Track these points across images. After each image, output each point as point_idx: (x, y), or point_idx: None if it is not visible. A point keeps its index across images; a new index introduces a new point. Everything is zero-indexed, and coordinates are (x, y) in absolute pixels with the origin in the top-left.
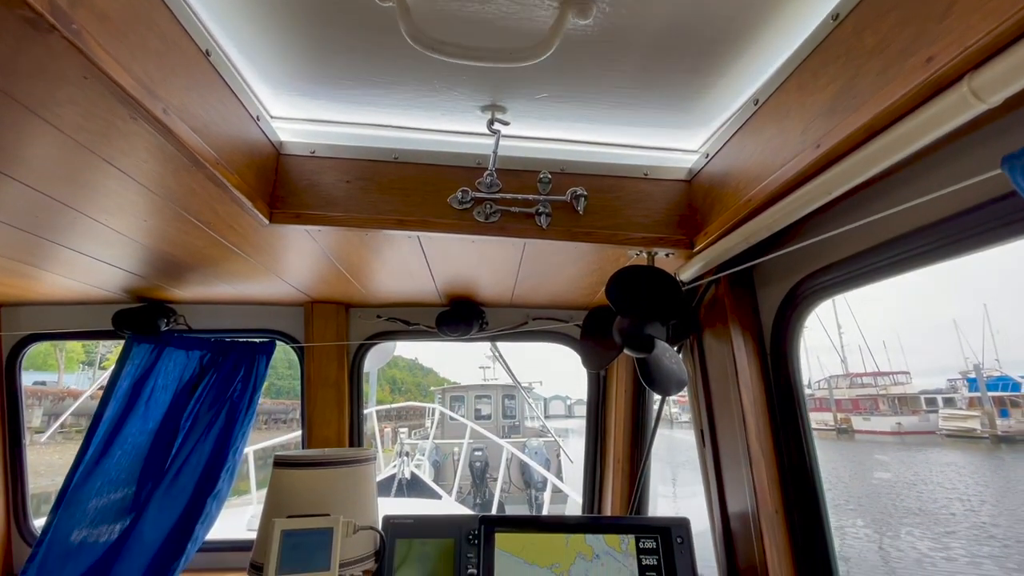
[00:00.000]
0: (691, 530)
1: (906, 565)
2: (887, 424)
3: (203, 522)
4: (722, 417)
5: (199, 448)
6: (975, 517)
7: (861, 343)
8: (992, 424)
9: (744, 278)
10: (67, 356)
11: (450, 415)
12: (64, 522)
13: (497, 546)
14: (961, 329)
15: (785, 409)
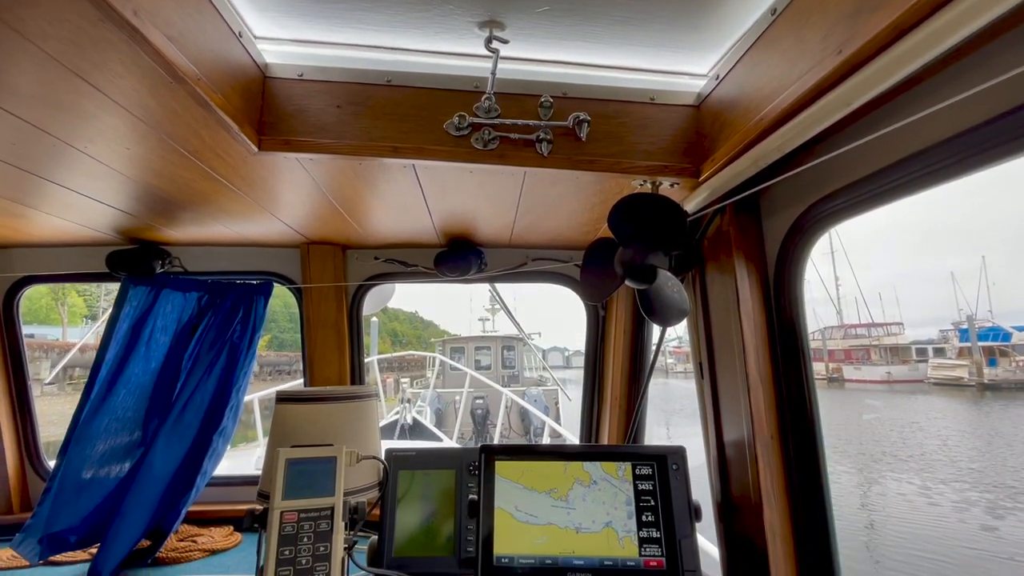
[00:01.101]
0: (687, 457)
1: (885, 504)
2: (877, 373)
3: (211, 457)
4: (722, 349)
5: (202, 387)
6: (953, 458)
7: (858, 295)
8: (979, 373)
9: (750, 207)
10: (69, 311)
11: (451, 364)
12: (75, 457)
13: (497, 473)
14: (958, 281)
15: (786, 338)
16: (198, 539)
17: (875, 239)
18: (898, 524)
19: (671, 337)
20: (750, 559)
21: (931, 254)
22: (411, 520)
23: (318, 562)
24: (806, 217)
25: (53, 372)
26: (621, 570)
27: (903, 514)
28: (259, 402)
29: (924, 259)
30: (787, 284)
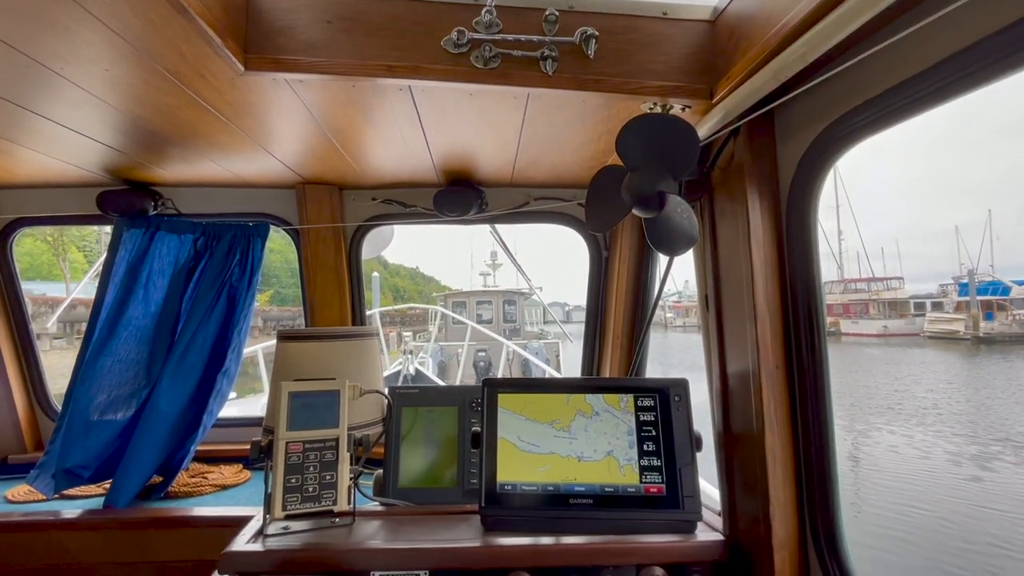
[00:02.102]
0: (689, 389)
1: (872, 452)
2: (874, 327)
3: (215, 397)
4: (728, 281)
5: (203, 329)
6: (941, 406)
7: (860, 250)
8: (976, 327)
9: (765, 130)
10: (71, 267)
11: (453, 317)
12: (81, 397)
13: (500, 405)
14: (962, 235)
15: (797, 266)
16: (208, 476)
17: (881, 193)
18: (875, 471)
19: (671, 291)
20: (749, 485)
21: (938, 208)
22: (415, 454)
23: (324, 490)
24: (825, 136)
25: (54, 318)
26: (622, 496)
27: (884, 461)
28: (263, 354)
29: (930, 213)
30: (801, 210)
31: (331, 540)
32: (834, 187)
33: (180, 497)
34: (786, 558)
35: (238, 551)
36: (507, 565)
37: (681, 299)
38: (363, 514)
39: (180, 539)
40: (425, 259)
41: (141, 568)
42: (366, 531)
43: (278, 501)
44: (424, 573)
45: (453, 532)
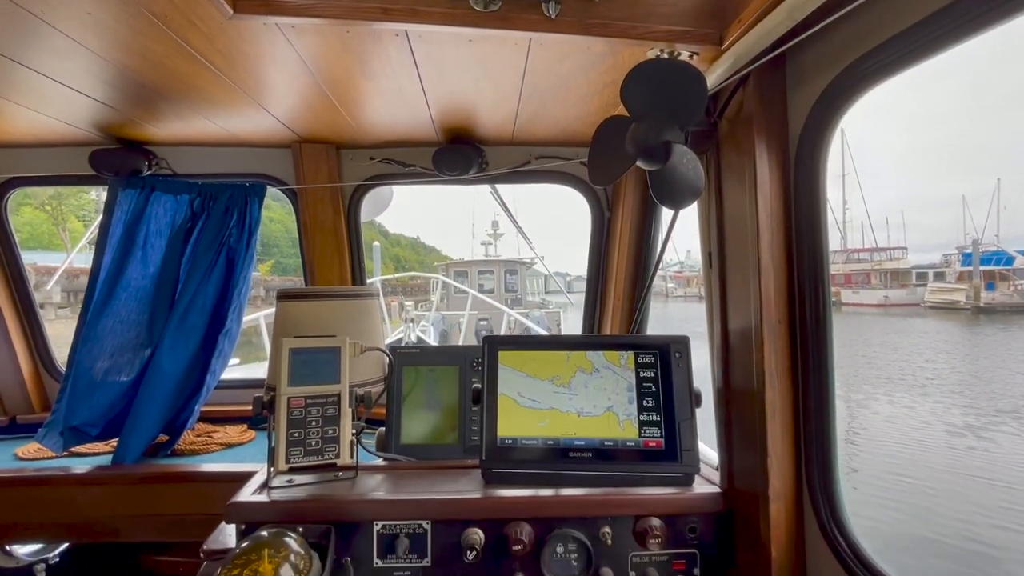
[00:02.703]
0: (690, 346)
1: (866, 422)
2: (875, 297)
3: (217, 357)
4: (733, 236)
5: (203, 290)
6: (937, 375)
7: (864, 219)
8: (976, 297)
9: (776, 77)
10: (72, 236)
11: (455, 286)
12: (84, 357)
13: (500, 362)
14: (969, 204)
15: (803, 221)
16: (214, 435)
17: (889, 163)
18: (867, 438)
19: (672, 262)
20: (747, 439)
21: (946, 178)
22: (417, 413)
23: (327, 444)
24: (839, 81)
25: (52, 281)
26: (621, 450)
27: (874, 427)
28: (265, 322)
29: (938, 184)
30: (810, 161)
31: (334, 492)
32: (841, 156)
33: (186, 454)
34: (781, 508)
35: (243, 501)
36: (507, 516)
37: (683, 269)
38: (366, 468)
39: (187, 494)
40: (426, 229)
41: (150, 521)
42: (369, 484)
43: (281, 454)
44: (426, 523)
45: (454, 485)
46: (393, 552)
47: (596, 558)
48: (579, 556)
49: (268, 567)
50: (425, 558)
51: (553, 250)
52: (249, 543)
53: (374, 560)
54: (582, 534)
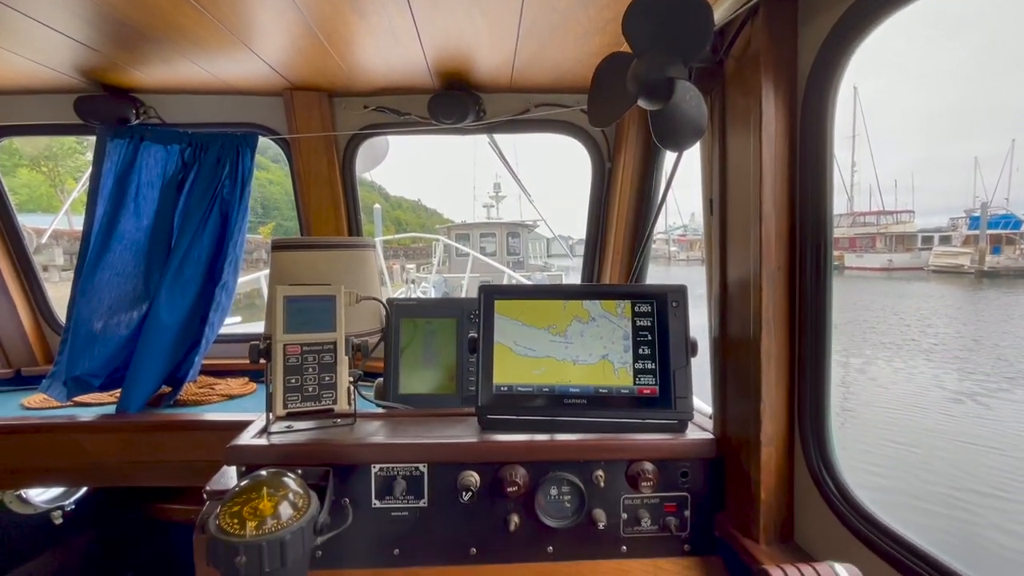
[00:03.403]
0: (687, 296)
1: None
2: (878, 261)
3: (215, 310)
4: (736, 180)
5: (198, 243)
6: (936, 338)
7: (873, 182)
8: (981, 260)
9: (786, 11)
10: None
11: (457, 248)
12: (83, 309)
13: (496, 311)
14: (981, 166)
15: (808, 164)
16: (215, 387)
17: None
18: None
19: (676, 225)
20: (742, 386)
21: (959, 140)
22: (415, 364)
23: (324, 390)
24: (855, 10)
25: (46, 235)
26: (615, 397)
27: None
28: (266, 283)
29: (950, 146)
30: (818, 102)
31: (333, 436)
32: (852, 115)
33: (189, 405)
34: (772, 453)
35: (243, 444)
36: (503, 459)
37: (686, 232)
38: (364, 416)
39: (191, 441)
40: (427, 192)
41: (155, 467)
42: (367, 429)
43: (279, 399)
44: (423, 466)
45: (451, 431)
46: (391, 494)
47: (589, 500)
48: (572, 498)
49: (267, 504)
50: (422, 499)
51: (556, 210)
52: (248, 482)
53: (372, 501)
54: (576, 477)
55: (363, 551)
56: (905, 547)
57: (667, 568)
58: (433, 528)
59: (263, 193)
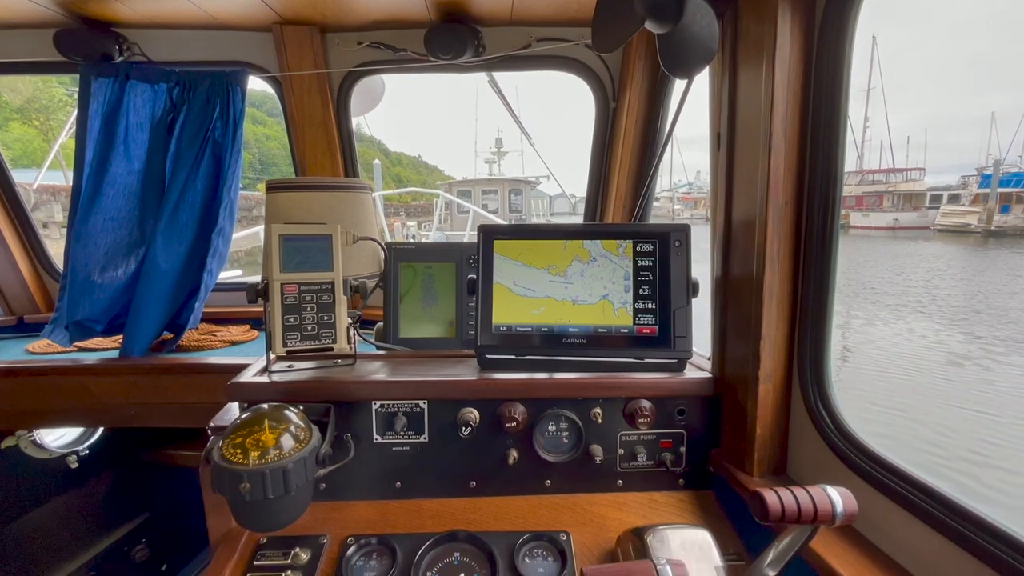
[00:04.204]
0: (690, 235)
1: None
2: (884, 220)
3: (213, 256)
4: (745, 112)
5: (191, 187)
6: (936, 295)
7: (884, 139)
8: (989, 219)
9: None
10: (64, 154)
11: (459, 203)
12: (79, 254)
13: (496, 252)
14: (998, 122)
15: (823, 95)
16: (217, 334)
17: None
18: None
19: (681, 184)
20: (742, 324)
21: (976, 95)
22: (414, 308)
23: (323, 329)
24: None
25: (34, 183)
26: (614, 336)
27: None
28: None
29: (970, 99)
30: (836, 28)
31: (333, 375)
32: (869, 67)
33: (191, 350)
34: (770, 389)
35: (244, 381)
36: (502, 396)
37: (691, 190)
38: (364, 356)
39: (195, 384)
40: (428, 148)
41: (160, 408)
42: (367, 369)
43: (278, 337)
44: (423, 403)
45: (451, 370)
46: (392, 429)
47: (586, 436)
48: (570, 434)
49: (269, 436)
50: (423, 435)
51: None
52: (250, 415)
53: (373, 436)
54: (573, 414)
55: (366, 484)
56: (901, 477)
57: (661, 501)
58: (434, 462)
59: (261, 149)
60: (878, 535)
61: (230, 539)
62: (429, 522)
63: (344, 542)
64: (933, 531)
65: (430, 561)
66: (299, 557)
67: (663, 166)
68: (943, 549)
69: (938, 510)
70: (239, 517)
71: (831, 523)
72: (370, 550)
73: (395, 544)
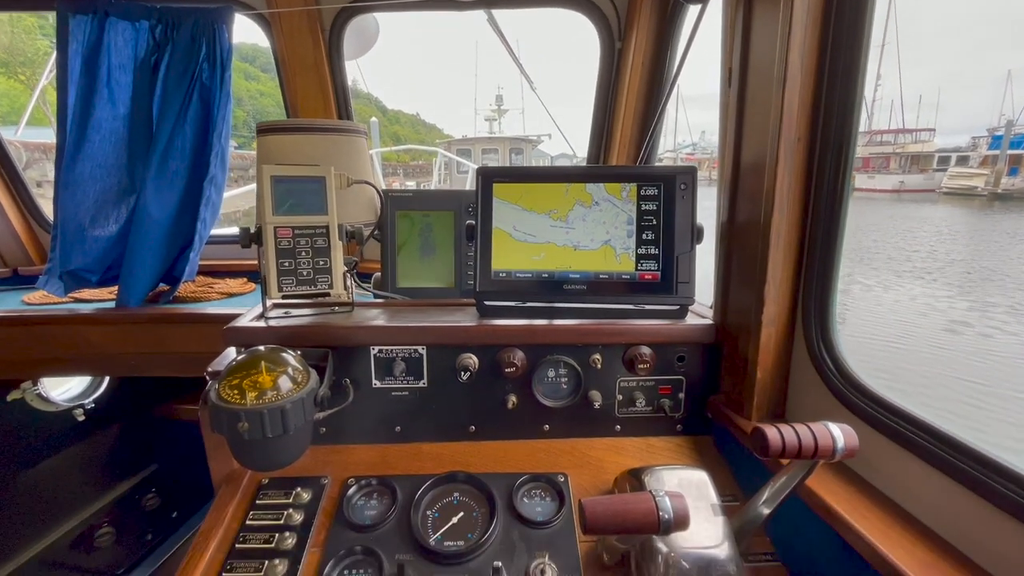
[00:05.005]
0: (697, 178)
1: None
2: (889, 183)
3: (206, 205)
4: (760, 44)
5: (180, 132)
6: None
7: (896, 98)
8: (996, 182)
9: None
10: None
11: (458, 160)
12: (68, 203)
13: (495, 195)
14: (1014, 80)
15: (843, 23)
16: (214, 286)
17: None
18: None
19: (685, 144)
20: (747, 267)
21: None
22: (413, 258)
23: (319, 274)
24: None
25: (20, 128)
26: (616, 282)
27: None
28: None
29: (987, 56)
30: None
31: (331, 320)
32: (884, 21)
33: (188, 301)
34: (772, 333)
35: (241, 326)
36: (501, 342)
37: (695, 151)
38: (362, 304)
39: (193, 334)
40: (426, 105)
41: (160, 358)
42: (365, 315)
43: (273, 282)
44: (421, 348)
45: (450, 317)
46: (391, 374)
47: (585, 381)
48: (569, 380)
49: (266, 378)
50: (421, 380)
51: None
52: (246, 356)
53: (372, 381)
54: (573, 360)
55: (366, 428)
56: (903, 417)
57: (659, 446)
58: (433, 407)
59: (255, 106)
60: (877, 476)
61: (233, 479)
62: (429, 464)
63: (345, 483)
64: (935, 470)
65: (430, 500)
66: (300, 496)
67: (667, 126)
68: (945, 488)
69: (942, 450)
70: (239, 456)
71: (831, 458)
72: (370, 490)
73: (395, 484)
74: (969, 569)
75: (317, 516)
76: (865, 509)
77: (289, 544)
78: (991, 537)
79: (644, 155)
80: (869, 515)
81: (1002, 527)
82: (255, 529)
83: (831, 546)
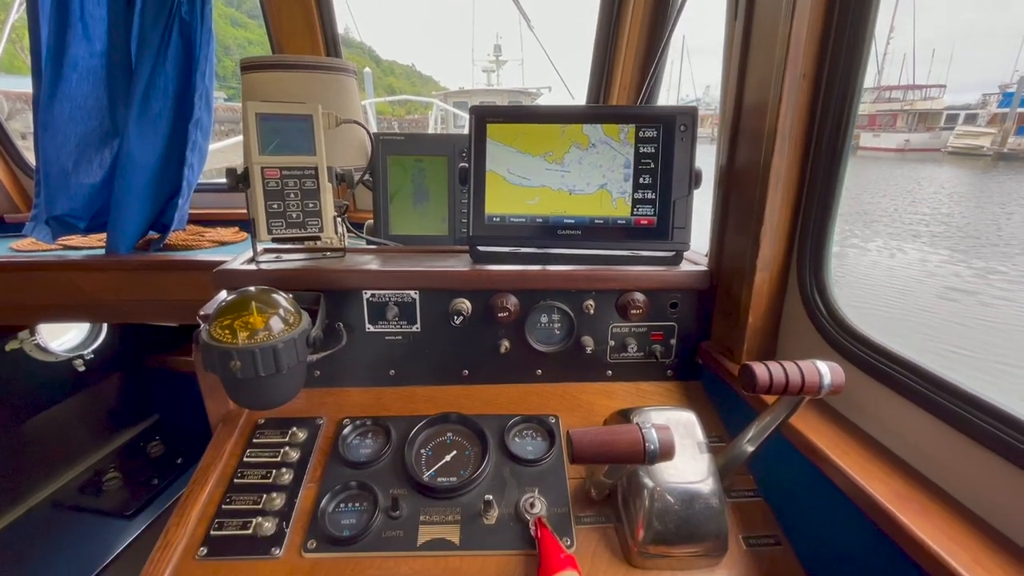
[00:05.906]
0: (697, 119)
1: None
2: (894, 141)
3: (193, 150)
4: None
5: (161, 71)
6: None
7: (908, 51)
8: (1003, 141)
9: None
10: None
11: (455, 113)
12: (48, 146)
13: (489, 137)
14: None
15: None
16: (205, 234)
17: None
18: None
19: (688, 99)
20: (744, 212)
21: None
22: (405, 204)
23: (309, 217)
24: None
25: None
26: (611, 228)
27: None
28: None
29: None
30: None
31: (323, 264)
32: None
33: (179, 249)
34: (766, 278)
35: (232, 268)
36: (494, 287)
37: (699, 107)
38: (354, 250)
39: (185, 281)
40: (421, 56)
41: (153, 304)
42: (357, 260)
43: (262, 224)
44: (414, 293)
45: (443, 262)
46: (383, 318)
47: (578, 327)
48: (562, 325)
49: (257, 319)
50: (415, 324)
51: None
52: (237, 296)
53: (365, 325)
54: (566, 305)
55: (360, 372)
56: (894, 359)
57: (649, 390)
58: (426, 351)
59: (243, 55)
60: (861, 415)
61: (229, 419)
62: (422, 407)
63: (340, 423)
64: (919, 408)
65: (423, 440)
66: (296, 436)
67: (671, 80)
68: (928, 425)
69: (927, 388)
70: (233, 394)
71: (816, 393)
72: (365, 430)
73: (389, 425)
74: (944, 500)
75: (313, 454)
76: (846, 446)
77: (286, 480)
78: (973, 473)
79: (645, 94)
80: (850, 451)
81: (984, 463)
82: (253, 466)
83: (812, 481)
